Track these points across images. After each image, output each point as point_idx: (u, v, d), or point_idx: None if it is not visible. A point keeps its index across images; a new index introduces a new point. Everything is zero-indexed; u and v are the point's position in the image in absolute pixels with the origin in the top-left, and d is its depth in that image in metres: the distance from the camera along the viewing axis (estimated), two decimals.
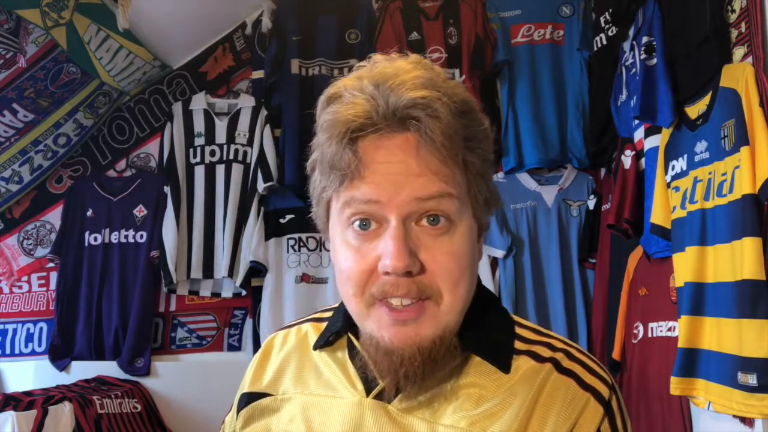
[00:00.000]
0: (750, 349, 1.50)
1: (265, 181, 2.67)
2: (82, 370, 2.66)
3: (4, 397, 2.09)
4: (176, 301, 2.83)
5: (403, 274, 0.62)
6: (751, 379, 1.49)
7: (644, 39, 2.01)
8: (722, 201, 1.62)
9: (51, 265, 2.85)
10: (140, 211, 2.81)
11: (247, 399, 0.79)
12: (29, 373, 2.72)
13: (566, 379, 0.67)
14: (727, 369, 1.57)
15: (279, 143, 2.74)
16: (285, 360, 0.79)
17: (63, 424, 2.06)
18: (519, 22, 2.74)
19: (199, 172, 2.80)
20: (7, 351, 2.82)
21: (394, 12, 2.79)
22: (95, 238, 2.79)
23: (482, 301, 0.72)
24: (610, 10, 2.30)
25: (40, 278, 2.88)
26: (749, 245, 1.52)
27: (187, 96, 2.92)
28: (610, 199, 2.27)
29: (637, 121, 2.14)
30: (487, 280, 2.57)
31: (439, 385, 0.68)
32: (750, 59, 1.63)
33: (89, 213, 2.80)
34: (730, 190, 1.60)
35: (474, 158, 0.65)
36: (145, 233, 2.78)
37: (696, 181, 1.74)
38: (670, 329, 1.91)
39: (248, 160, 2.80)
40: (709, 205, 1.68)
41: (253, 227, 2.70)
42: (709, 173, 1.70)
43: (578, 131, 2.63)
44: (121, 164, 2.94)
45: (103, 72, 2.58)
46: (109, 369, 2.67)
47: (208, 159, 2.81)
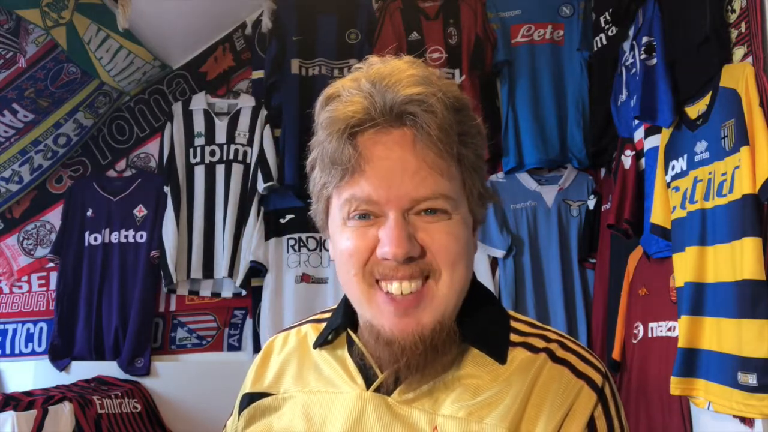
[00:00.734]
0: (750, 349, 1.50)
1: (265, 181, 2.67)
2: (82, 370, 2.66)
3: (4, 397, 2.09)
4: (176, 301, 2.83)
5: (404, 261, 0.64)
6: (751, 379, 1.49)
7: (644, 39, 2.01)
8: (722, 201, 1.62)
9: (51, 265, 2.85)
10: (140, 211, 2.81)
11: (249, 399, 0.80)
12: (29, 373, 2.72)
13: (560, 368, 0.69)
14: (727, 369, 1.57)
15: (279, 143, 2.74)
16: (285, 360, 0.81)
17: (63, 424, 2.06)
18: (519, 22, 2.74)
19: (199, 172, 2.80)
20: (7, 351, 2.82)
21: (394, 12, 2.79)
22: (95, 238, 2.79)
23: (478, 295, 0.74)
24: (610, 10, 2.30)
25: (40, 278, 2.88)
26: (749, 245, 1.52)
27: (187, 96, 2.92)
28: (610, 199, 2.27)
29: (637, 121, 2.14)
30: (487, 280, 2.57)
31: (438, 377, 0.69)
32: (750, 59, 1.63)
33: (89, 213, 2.80)
34: (730, 190, 1.60)
35: (468, 152, 0.67)
36: (145, 233, 2.78)
37: (696, 181, 1.74)
38: (670, 329, 1.91)
39: (248, 160, 2.80)
40: (709, 205, 1.68)
41: (253, 227, 2.70)
42: (709, 173, 1.70)
43: (578, 131, 2.63)
44: (121, 164, 2.94)
45: (103, 72, 2.58)
46: (109, 369, 2.67)
47: (208, 159, 2.81)
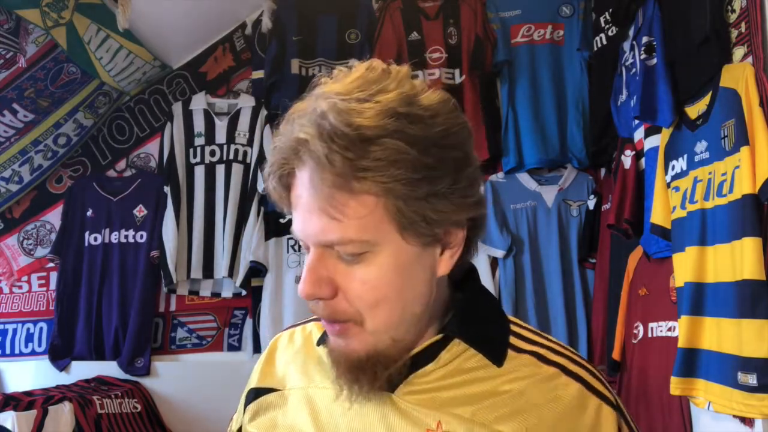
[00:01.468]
0: (750, 349, 1.50)
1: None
2: (82, 370, 2.66)
3: (4, 397, 2.09)
4: (176, 301, 2.83)
5: (315, 299, 0.66)
6: (751, 379, 1.49)
7: (644, 39, 2.01)
8: (722, 201, 1.62)
9: (51, 265, 2.85)
10: (140, 211, 2.81)
11: (255, 394, 0.81)
12: (29, 373, 2.72)
13: (575, 383, 0.70)
14: (727, 369, 1.57)
15: None
16: (291, 357, 0.81)
17: (63, 424, 2.06)
18: (519, 22, 2.74)
19: (199, 172, 2.80)
20: (7, 351, 2.82)
21: (394, 12, 2.79)
22: (95, 238, 2.79)
23: (474, 297, 0.74)
24: (610, 10, 2.30)
25: (40, 278, 2.88)
26: (749, 245, 1.52)
27: (187, 96, 2.92)
28: (610, 199, 2.27)
29: (637, 121, 2.14)
30: (487, 280, 2.57)
31: (444, 375, 0.70)
32: (750, 59, 1.63)
33: (89, 213, 2.80)
34: (730, 190, 1.60)
35: (384, 184, 0.61)
36: (145, 233, 2.78)
37: (696, 181, 1.74)
38: (670, 329, 1.91)
39: (248, 160, 2.80)
40: (709, 205, 1.68)
41: (253, 227, 2.70)
42: (709, 173, 1.70)
43: (578, 131, 2.63)
44: (121, 164, 2.94)
45: (103, 72, 2.58)
46: (109, 369, 2.67)
47: (208, 159, 2.81)
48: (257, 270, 2.68)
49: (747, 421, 1.55)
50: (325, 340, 0.79)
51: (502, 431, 0.66)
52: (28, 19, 2.18)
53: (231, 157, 2.80)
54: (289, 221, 0.71)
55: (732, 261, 1.58)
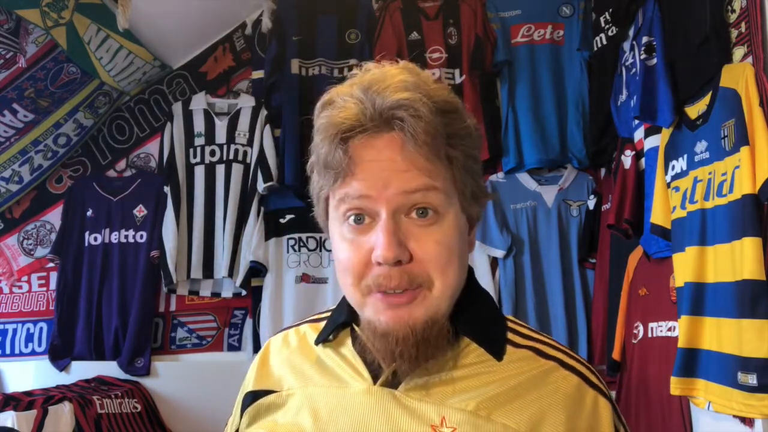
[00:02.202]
0: (750, 349, 1.50)
1: (265, 181, 2.67)
2: (82, 370, 2.66)
3: (4, 397, 2.09)
4: (176, 301, 2.83)
5: (394, 264, 0.66)
6: (751, 379, 1.49)
7: (644, 39, 2.01)
8: (722, 201, 1.62)
9: (51, 265, 2.85)
10: (140, 211, 2.81)
11: (252, 397, 0.81)
12: (29, 373, 2.72)
13: (573, 376, 0.72)
14: (727, 369, 1.57)
15: (279, 143, 2.74)
16: (287, 358, 0.81)
17: (63, 424, 2.06)
18: (519, 22, 2.74)
19: (199, 172, 2.80)
20: (7, 351, 2.82)
21: (394, 12, 2.79)
22: (95, 238, 2.79)
23: (474, 293, 0.76)
24: (610, 10, 2.30)
25: (40, 278, 2.88)
26: (749, 245, 1.52)
27: (187, 96, 2.92)
28: (610, 199, 2.27)
29: (637, 121, 2.14)
30: (487, 280, 2.57)
31: (445, 371, 0.71)
32: (750, 59, 1.63)
33: (89, 213, 2.80)
34: (730, 190, 1.60)
35: (457, 153, 0.69)
36: (145, 233, 2.78)
37: (696, 181, 1.74)
38: (670, 329, 1.91)
39: (248, 160, 2.80)
40: (709, 205, 1.68)
41: (253, 227, 2.70)
42: (709, 173, 1.70)
43: (578, 131, 2.63)
44: (121, 164, 2.94)
45: (103, 72, 2.58)
46: (109, 369, 2.67)
47: (208, 159, 2.81)
48: (257, 270, 2.68)
49: (747, 421, 1.55)
50: (325, 339, 0.79)
51: (506, 423, 0.67)
52: (28, 19, 2.18)
53: (231, 157, 2.80)
54: (290, 221, 0.71)
55: (732, 261, 1.58)
